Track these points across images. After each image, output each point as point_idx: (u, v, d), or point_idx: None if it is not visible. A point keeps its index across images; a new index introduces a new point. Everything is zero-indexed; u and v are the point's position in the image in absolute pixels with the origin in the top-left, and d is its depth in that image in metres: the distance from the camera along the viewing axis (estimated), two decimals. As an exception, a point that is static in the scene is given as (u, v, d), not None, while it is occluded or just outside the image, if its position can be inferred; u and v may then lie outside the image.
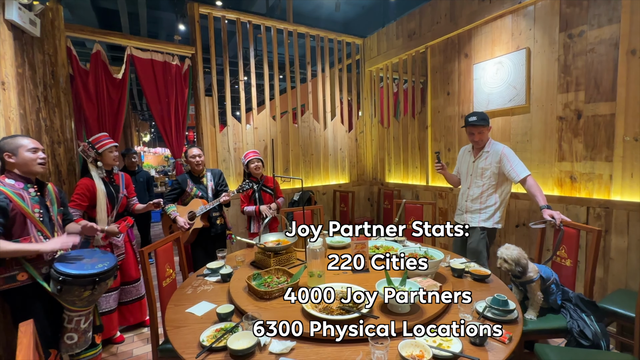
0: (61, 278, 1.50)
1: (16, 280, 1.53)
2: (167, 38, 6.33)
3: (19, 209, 1.53)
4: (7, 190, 1.52)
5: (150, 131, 14.49)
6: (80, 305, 1.61)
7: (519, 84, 2.75)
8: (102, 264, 1.64)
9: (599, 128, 2.32)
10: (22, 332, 0.87)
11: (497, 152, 2.23)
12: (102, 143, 2.19)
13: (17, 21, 1.97)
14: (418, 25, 3.78)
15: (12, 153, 1.58)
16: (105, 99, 3.08)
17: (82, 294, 1.57)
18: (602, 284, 2.32)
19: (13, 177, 1.59)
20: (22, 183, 1.60)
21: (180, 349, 1.16)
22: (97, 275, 1.58)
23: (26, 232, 1.56)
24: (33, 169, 1.62)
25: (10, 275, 1.52)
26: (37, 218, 1.59)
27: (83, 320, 1.66)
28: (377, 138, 4.69)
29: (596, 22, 2.29)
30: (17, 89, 2.01)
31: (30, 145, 1.62)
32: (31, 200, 1.60)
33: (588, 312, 1.63)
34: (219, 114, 3.72)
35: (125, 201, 2.38)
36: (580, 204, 2.42)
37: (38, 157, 1.63)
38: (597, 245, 1.79)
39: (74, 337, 1.63)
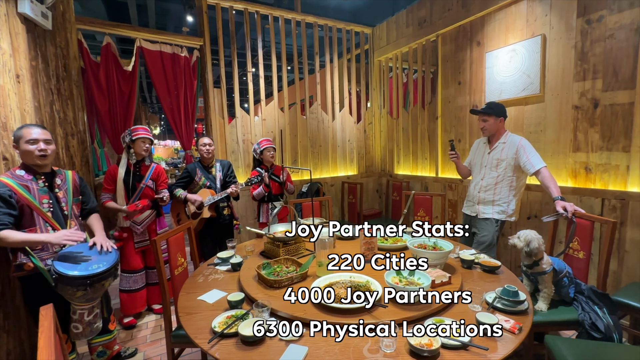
0: (55, 276, 1.49)
1: (23, 270, 1.56)
2: (175, 30, 6.34)
3: (24, 200, 1.54)
4: (11, 181, 1.53)
5: (160, 124, 14.65)
6: (77, 302, 1.59)
7: (534, 73, 2.67)
8: (98, 265, 1.58)
9: (616, 117, 2.25)
10: (43, 316, 0.91)
11: (514, 143, 2.19)
12: (137, 132, 2.42)
13: (30, 14, 1.99)
14: (429, 12, 3.69)
15: (16, 144, 1.58)
16: (116, 91, 3.11)
17: (75, 293, 1.52)
18: (616, 277, 2.28)
19: (24, 168, 1.61)
20: (31, 174, 1.61)
21: (193, 334, 1.19)
22: (89, 278, 1.51)
23: (32, 223, 1.58)
24: (32, 161, 1.60)
25: (19, 263, 1.55)
26: (44, 210, 1.60)
27: (86, 314, 1.64)
28: (386, 129, 4.64)
29: (616, 6, 2.20)
30: (31, 81, 2.05)
31: (31, 136, 1.57)
32: (39, 191, 1.61)
33: (601, 305, 1.60)
34: (227, 106, 3.73)
35: (150, 192, 2.48)
36: (595, 196, 2.36)
37: (36, 149, 1.58)
38: (612, 238, 1.75)
39: (79, 327, 1.64)
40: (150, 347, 2.25)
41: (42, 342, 0.79)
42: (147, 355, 2.18)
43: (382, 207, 4.78)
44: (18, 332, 1.75)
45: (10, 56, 1.85)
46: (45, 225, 1.61)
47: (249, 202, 3.76)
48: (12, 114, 1.82)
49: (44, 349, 0.77)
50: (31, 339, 1.84)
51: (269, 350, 1.08)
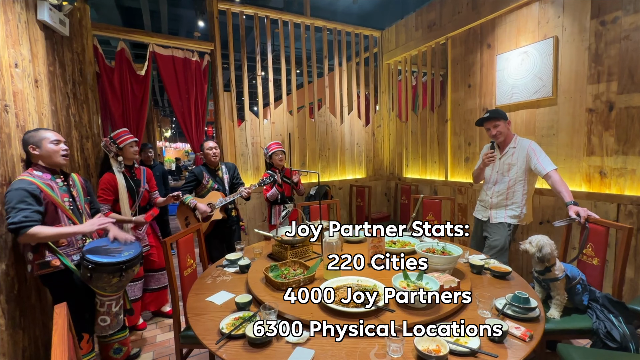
0: (91, 266, 1.60)
1: (49, 266, 1.63)
2: (187, 35, 6.46)
3: (50, 198, 1.62)
4: (37, 180, 1.60)
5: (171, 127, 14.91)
6: (110, 290, 1.73)
7: (546, 75, 2.63)
8: (128, 252, 1.73)
9: (632, 120, 2.19)
10: (57, 314, 0.94)
11: (524, 147, 2.19)
12: (123, 138, 2.28)
13: (48, 21, 2.06)
14: (438, 15, 3.68)
15: (36, 145, 1.64)
16: (130, 95, 3.19)
17: (111, 280, 1.67)
18: (633, 285, 2.21)
19: (40, 169, 1.67)
20: (48, 174, 1.68)
21: (201, 335, 1.20)
22: (124, 263, 1.67)
23: (58, 220, 1.65)
24: (56, 160, 1.69)
25: (44, 261, 1.62)
26: (66, 207, 1.69)
27: (114, 304, 1.78)
28: (395, 132, 4.62)
29: (632, 7, 2.15)
30: (48, 86, 2.12)
31: (53, 137, 1.68)
32: (60, 190, 1.69)
33: (616, 313, 1.56)
34: (237, 109, 3.78)
35: (147, 195, 2.47)
36: (610, 201, 2.30)
37: (61, 149, 1.69)
38: (628, 244, 1.70)
39: (106, 319, 1.77)
40: (159, 348, 2.29)
41: (56, 339, 0.82)
42: (157, 355, 2.21)
43: (391, 210, 4.76)
44: (33, 330, 1.80)
45: (30, 62, 1.92)
46: (69, 222, 1.69)
47: (257, 204, 3.79)
48: (30, 118, 1.88)
49: (58, 346, 0.79)
50: (44, 336, 1.89)
51: (275, 352, 1.08)
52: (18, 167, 1.77)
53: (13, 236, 1.65)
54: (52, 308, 1.90)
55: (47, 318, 1.92)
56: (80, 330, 1.73)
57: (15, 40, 1.80)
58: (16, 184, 1.53)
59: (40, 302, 1.88)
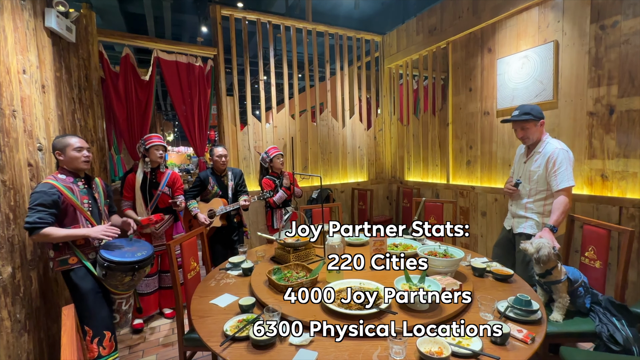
0: (106, 264, 1.68)
1: (68, 264, 1.73)
2: (190, 40, 6.53)
3: (69, 201, 1.71)
4: (59, 184, 1.69)
5: (174, 130, 15.00)
6: (121, 289, 1.81)
7: (546, 79, 2.65)
8: (141, 253, 1.81)
9: (633, 123, 2.20)
10: (66, 316, 0.95)
11: (547, 154, 1.92)
12: (151, 141, 2.50)
13: (56, 28, 2.10)
14: (439, 20, 3.71)
15: (61, 151, 1.75)
16: (134, 99, 3.22)
17: (124, 279, 1.75)
18: (636, 288, 2.20)
19: (64, 173, 1.77)
20: (71, 178, 1.78)
21: (205, 337, 1.21)
22: (137, 263, 1.75)
23: (76, 221, 1.75)
24: (78, 166, 1.78)
25: (63, 258, 1.73)
26: (85, 209, 1.78)
27: (124, 303, 1.88)
28: (397, 136, 4.64)
29: (631, 11, 2.17)
30: (55, 91, 2.16)
31: (77, 144, 1.77)
32: (80, 192, 1.79)
33: (619, 316, 1.56)
34: (239, 113, 3.81)
35: (166, 198, 2.57)
36: (612, 204, 2.31)
37: (82, 156, 1.78)
38: (630, 247, 1.70)
39: (116, 317, 1.85)
40: (163, 350, 2.29)
41: (65, 340, 0.83)
42: (160, 357, 2.21)
43: (393, 213, 4.76)
44: (38, 332, 1.81)
45: (37, 68, 1.96)
46: (86, 223, 1.79)
47: (259, 208, 3.81)
48: (37, 123, 1.91)
49: (67, 347, 0.80)
50: (48, 339, 1.90)
51: (279, 354, 1.09)
52: (25, 171, 1.80)
53: (19, 240, 1.71)
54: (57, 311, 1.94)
55: (51, 321, 1.94)
56: (101, 329, 1.77)
57: (23, 47, 1.84)
58: (39, 187, 1.64)
59: (45, 305, 1.90)
